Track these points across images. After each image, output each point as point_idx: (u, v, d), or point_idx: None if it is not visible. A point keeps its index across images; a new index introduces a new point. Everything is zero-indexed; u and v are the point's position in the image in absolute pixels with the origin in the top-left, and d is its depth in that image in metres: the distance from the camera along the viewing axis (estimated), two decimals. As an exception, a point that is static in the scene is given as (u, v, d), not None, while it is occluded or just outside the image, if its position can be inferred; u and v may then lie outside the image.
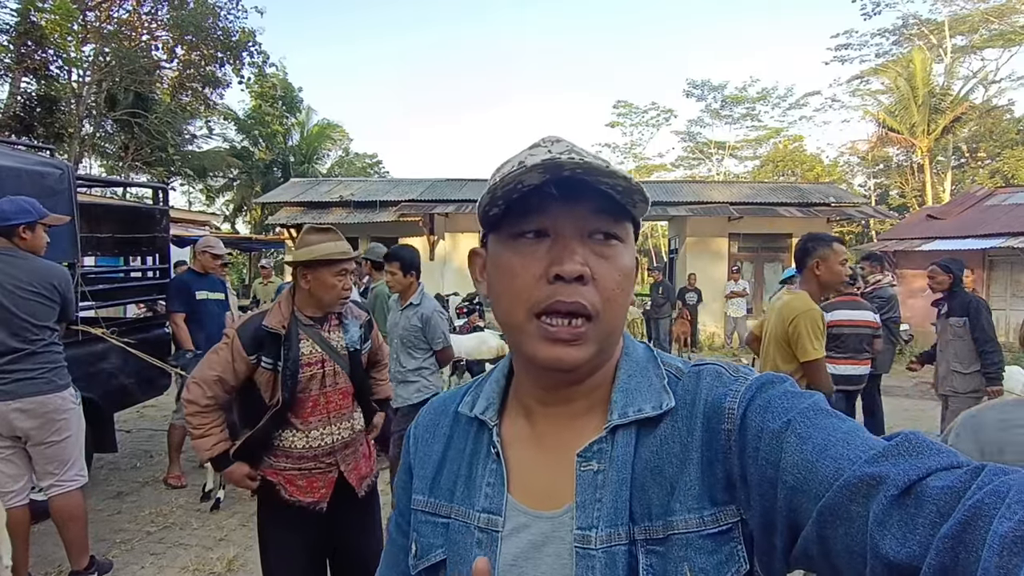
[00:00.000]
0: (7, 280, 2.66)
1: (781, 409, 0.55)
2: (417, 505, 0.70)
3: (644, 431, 0.61)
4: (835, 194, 13.95)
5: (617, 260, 0.61)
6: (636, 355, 0.68)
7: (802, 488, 0.49)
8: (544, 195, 0.58)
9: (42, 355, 2.75)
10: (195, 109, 19.08)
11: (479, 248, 0.71)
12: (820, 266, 2.85)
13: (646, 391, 0.63)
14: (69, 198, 3.64)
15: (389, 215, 12.56)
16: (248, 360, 2.03)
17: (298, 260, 2.07)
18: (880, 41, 25.29)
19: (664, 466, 0.59)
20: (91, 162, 18.73)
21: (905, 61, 22.40)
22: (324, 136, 27.21)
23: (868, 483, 0.44)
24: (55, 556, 3.18)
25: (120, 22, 15.81)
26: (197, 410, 2.04)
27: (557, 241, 0.59)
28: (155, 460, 4.90)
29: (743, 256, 12.83)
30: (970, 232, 12.76)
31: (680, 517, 0.56)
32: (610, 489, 0.59)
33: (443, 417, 0.74)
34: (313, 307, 2.13)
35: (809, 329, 2.78)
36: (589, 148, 0.63)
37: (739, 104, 30.36)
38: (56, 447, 2.81)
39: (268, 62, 17.92)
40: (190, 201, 26.14)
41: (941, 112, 21.23)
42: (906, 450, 0.46)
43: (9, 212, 2.71)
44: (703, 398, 0.61)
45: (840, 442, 0.49)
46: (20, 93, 14.52)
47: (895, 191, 27.94)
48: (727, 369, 0.63)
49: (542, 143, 0.63)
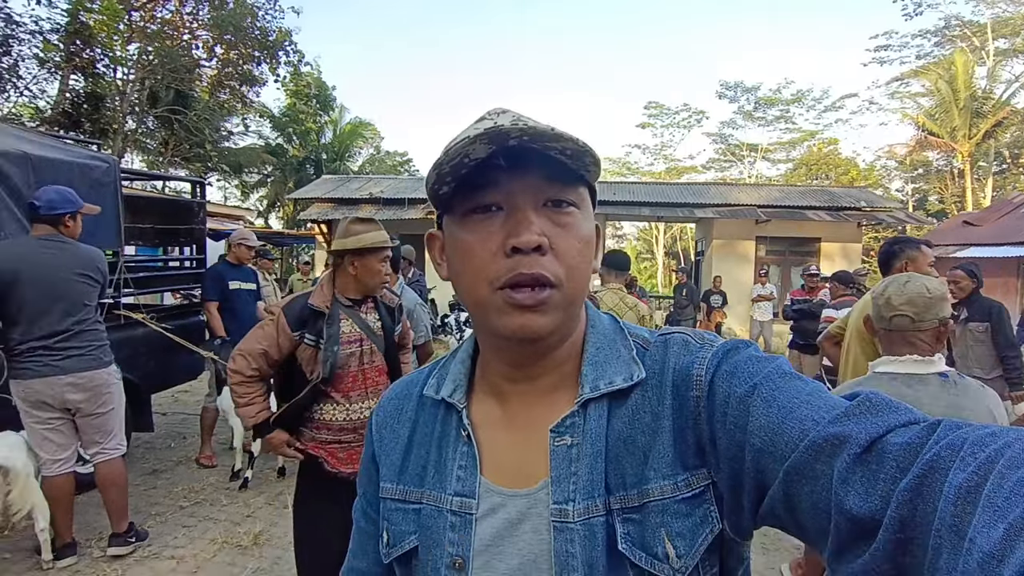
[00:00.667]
0: (59, 265, 2.88)
1: (747, 374, 0.56)
2: (386, 493, 0.69)
3: (615, 403, 0.62)
4: (867, 198, 13.68)
5: (575, 227, 0.60)
6: (602, 327, 0.68)
7: (769, 450, 0.50)
8: (493, 167, 0.57)
9: (89, 333, 2.98)
10: (232, 106, 19.58)
11: (435, 231, 0.69)
12: (909, 267, 2.74)
13: (615, 363, 0.63)
14: (115, 190, 3.87)
15: (417, 212, 12.76)
16: (292, 336, 2.19)
17: (347, 248, 2.23)
18: (921, 42, 24.75)
19: (637, 436, 0.59)
20: (133, 157, 19.39)
21: (946, 63, 21.86)
22: (356, 134, 27.65)
23: (832, 443, 0.46)
24: (97, 524, 3.40)
25: (163, 22, 16.35)
26: (242, 379, 2.21)
27: (511, 214, 0.59)
28: (188, 441, 5.13)
29: (770, 259, 12.69)
30: (1006, 239, 12.38)
31: (655, 484, 0.57)
32: (585, 462, 0.59)
33: (407, 401, 0.73)
34: (354, 290, 2.31)
35: None
36: (532, 117, 0.61)
37: (773, 106, 29.94)
38: (102, 418, 3.04)
39: (303, 61, 18.29)
40: (225, 196, 26.85)
41: (983, 116, 20.66)
42: (867, 409, 0.47)
43: (56, 201, 2.92)
44: (671, 366, 0.61)
45: (804, 404, 0.50)
46: (69, 90, 15.16)
47: (934, 196, 27.22)
48: (693, 337, 0.64)
49: (487, 116, 0.61)
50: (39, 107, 15.19)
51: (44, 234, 2.91)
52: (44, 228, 2.91)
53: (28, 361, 2.84)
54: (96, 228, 3.59)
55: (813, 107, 29.74)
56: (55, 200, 2.92)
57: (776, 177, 31.20)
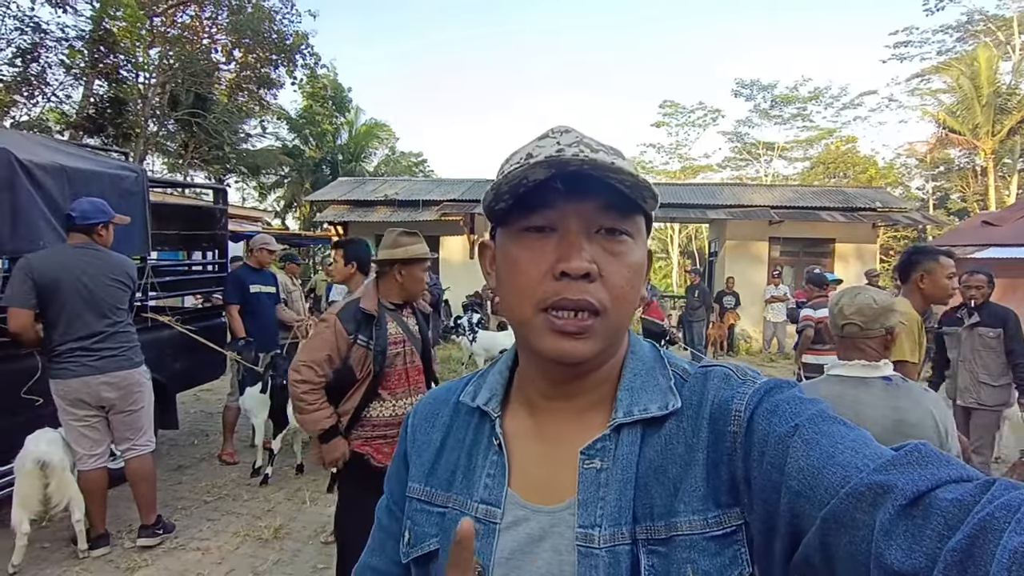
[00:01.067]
0: (95, 271, 3.07)
1: (789, 414, 0.54)
2: (413, 493, 0.70)
3: (649, 431, 0.61)
4: (882, 199, 13.55)
5: (626, 256, 0.61)
6: (642, 354, 0.68)
7: (806, 494, 0.48)
8: (550, 190, 0.58)
9: (122, 335, 3.18)
10: (250, 109, 19.87)
11: (488, 240, 0.71)
12: (925, 279, 2.74)
13: (652, 391, 0.63)
14: (143, 199, 4.06)
15: (431, 214, 12.90)
16: (348, 339, 2.40)
17: (396, 257, 2.47)
18: (943, 38, 24.29)
19: (668, 466, 0.59)
20: (154, 159, 19.84)
21: (969, 59, 21.40)
22: (371, 135, 27.91)
23: (875, 491, 0.44)
24: (127, 517, 3.58)
25: (183, 27, 16.66)
26: (311, 388, 2.38)
27: (564, 237, 0.59)
28: (210, 439, 5.32)
29: (784, 260, 12.64)
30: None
31: (684, 518, 0.56)
32: (613, 488, 0.59)
33: (443, 406, 0.74)
34: (398, 295, 2.54)
35: (907, 330, 2.61)
36: (604, 141, 0.62)
37: (790, 104, 29.59)
38: (133, 415, 3.23)
39: (319, 63, 18.54)
40: (243, 197, 27.28)
41: (1007, 112, 20.19)
42: (915, 460, 0.45)
43: (90, 212, 3.14)
44: (710, 400, 0.61)
45: (848, 449, 0.49)
46: (93, 95, 15.55)
47: (956, 195, 26.76)
48: (735, 372, 0.63)
49: (551, 134, 0.62)
50: (64, 112, 15.62)
51: (79, 243, 3.11)
52: (79, 237, 3.12)
53: (67, 361, 3.03)
54: (126, 235, 3.77)
55: (831, 105, 29.35)
56: (89, 211, 3.11)
57: (793, 176, 30.90)
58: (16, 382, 3.18)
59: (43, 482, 3.02)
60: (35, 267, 2.96)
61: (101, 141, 15.66)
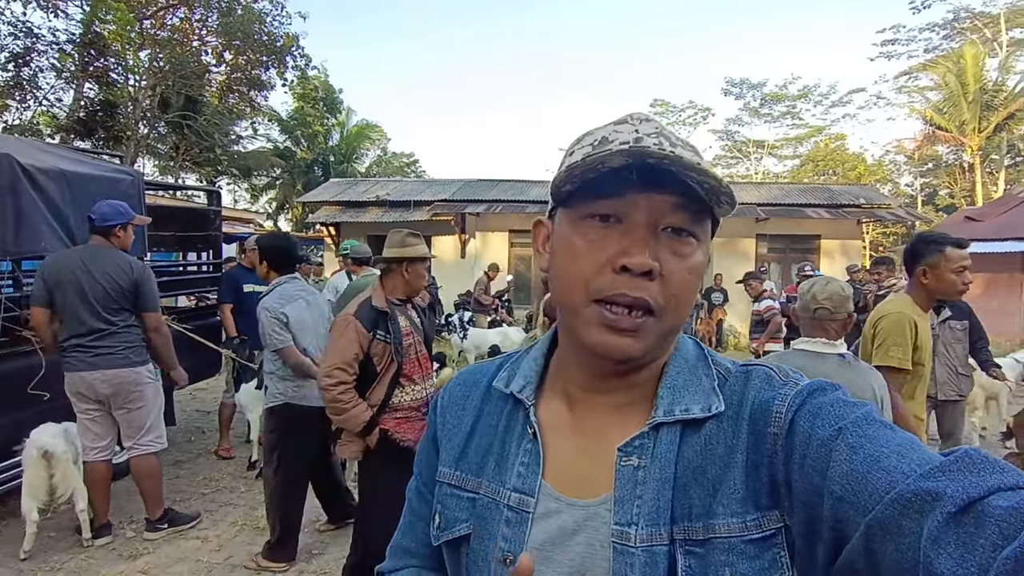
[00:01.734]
0: (96, 271, 3.19)
1: (832, 416, 0.53)
2: (443, 477, 0.69)
3: (689, 430, 0.60)
4: (866, 195, 13.82)
5: (689, 259, 0.59)
6: (686, 352, 0.66)
7: (850, 499, 0.47)
8: (623, 179, 0.55)
9: (120, 335, 3.28)
10: (241, 111, 19.94)
11: (544, 219, 0.68)
12: (928, 274, 2.50)
13: (695, 390, 0.62)
14: (139, 201, 4.17)
15: (423, 214, 13.04)
16: (368, 336, 2.58)
17: (405, 256, 2.67)
18: (929, 36, 24.58)
19: (707, 467, 0.58)
20: (145, 162, 19.83)
21: (955, 56, 21.68)
22: (363, 136, 28.00)
23: (923, 498, 0.42)
24: (128, 508, 3.72)
25: (173, 29, 16.72)
26: (347, 387, 2.55)
27: (630, 231, 0.57)
28: (207, 435, 5.44)
29: (771, 257, 12.87)
30: (1009, 235, 12.46)
31: (722, 520, 0.55)
32: (651, 487, 0.58)
33: (474, 389, 0.73)
34: (403, 291, 2.75)
35: (893, 332, 2.49)
36: (682, 137, 0.60)
37: (779, 102, 29.85)
38: (133, 414, 3.34)
39: (310, 65, 18.62)
40: (235, 199, 27.31)
41: (993, 109, 20.49)
42: (966, 466, 0.43)
43: (109, 214, 3.28)
44: (751, 400, 0.59)
45: (893, 454, 0.47)
46: (83, 98, 15.59)
47: (944, 191, 27.08)
48: (777, 372, 0.62)
49: (629, 120, 0.60)
50: (55, 115, 15.65)
51: (96, 244, 3.27)
52: (97, 239, 3.28)
53: (70, 356, 3.18)
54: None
55: (820, 103, 29.62)
56: (107, 213, 3.27)
57: (783, 173, 31.17)
58: (24, 378, 3.30)
59: (48, 472, 3.15)
60: (47, 267, 3.16)
61: (92, 144, 15.70)
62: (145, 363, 3.39)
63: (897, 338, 2.47)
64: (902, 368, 2.47)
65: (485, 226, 13.53)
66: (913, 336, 2.48)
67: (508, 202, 13.30)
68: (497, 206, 12.95)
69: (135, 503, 3.56)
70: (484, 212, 12.97)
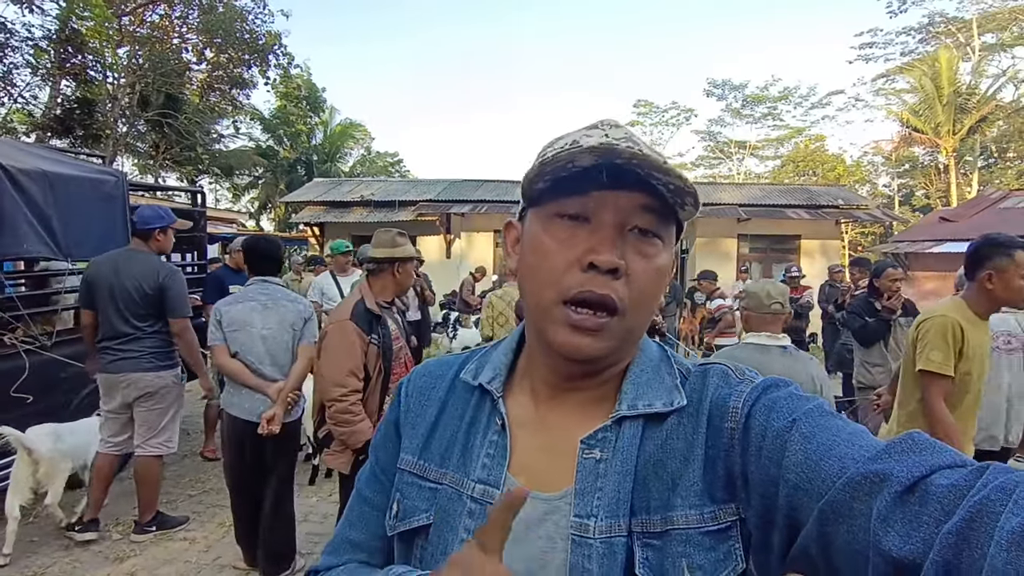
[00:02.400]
0: (125, 275, 3.22)
1: (786, 409, 0.55)
2: (405, 465, 0.69)
3: (650, 425, 0.61)
4: (844, 196, 14.08)
5: (655, 259, 0.60)
6: (650, 352, 0.68)
7: (804, 486, 0.49)
8: (592, 179, 0.57)
9: (146, 339, 3.31)
10: (223, 109, 19.71)
11: (514, 221, 0.69)
12: (994, 279, 2.32)
13: (658, 387, 0.63)
14: (123, 202, 4.15)
15: (408, 214, 13.01)
16: (367, 340, 2.49)
17: (396, 256, 2.64)
18: (906, 39, 25.12)
19: (667, 461, 0.59)
20: (124, 161, 19.52)
21: (930, 60, 22.10)
22: (347, 135, 27.82)
23: (872, 480, 0.44)
24: (116, 510, 3.70)
25: (153, 26, 16.49)
26: (357, 397, 2.45)
27: (597, 230, 0.58)
28: (192, 437, 5.40)
29: (752, 257, 13.05)
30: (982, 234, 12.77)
31: (680, 512, 0.57)
32: (612, 479, 0.59)
33: (439, 381, 0.73)
34: (391, 292, 2.70)
35: (934, 336, 2.35)
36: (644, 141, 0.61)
37: (760, 103, 30.26)
38: (149, 414, 3.37)
39: (293, 63, 18.46)
40: (217, 199, 26.99)
41: (967, 112, 20.92)
42: (909, 448, 0.46)
43: (149, 218, 3.32)
44: (709, 397, 0.61)
45: (844, 442, 0.49)
46: (60, 96, 15.30)
47: (920, 191, 27.63)
48: (733, 370, 0.64)
49: (600, 125, 0.62)
50: (31, 113, 15.34)
51: (133, 247, 3.32)
52: (137, 242, 3.33)
53: (101, 356, 3.28)
54: (107, 237, 3.88)
55: (800, 104, 30.10)
56: (148, 216, 3.32)
57: (765, 174, 31.58)
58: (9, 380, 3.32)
59: (32, 468, 3.18)
60: (87, 270, 3.28)
61: (69, 142, 15.42)
62: (171, 368, 3.42)
63: (938, 342, 2.34)
64: (943, 374, 2.32)
65: (470, 226, 13.54)
66: (959, 342, 2.34)
67: (493, 202, 13.32)
68: (482, 206, 12.98)
69: (123, 505, 3.55)
70: (469, 212, 12.98)
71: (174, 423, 3.49)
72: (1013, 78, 22.86)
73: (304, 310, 3.04)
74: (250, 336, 2.93)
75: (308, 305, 3.13)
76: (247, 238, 3.44)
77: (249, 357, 2.92)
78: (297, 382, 2.93)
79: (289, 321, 2.99)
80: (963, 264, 2.49)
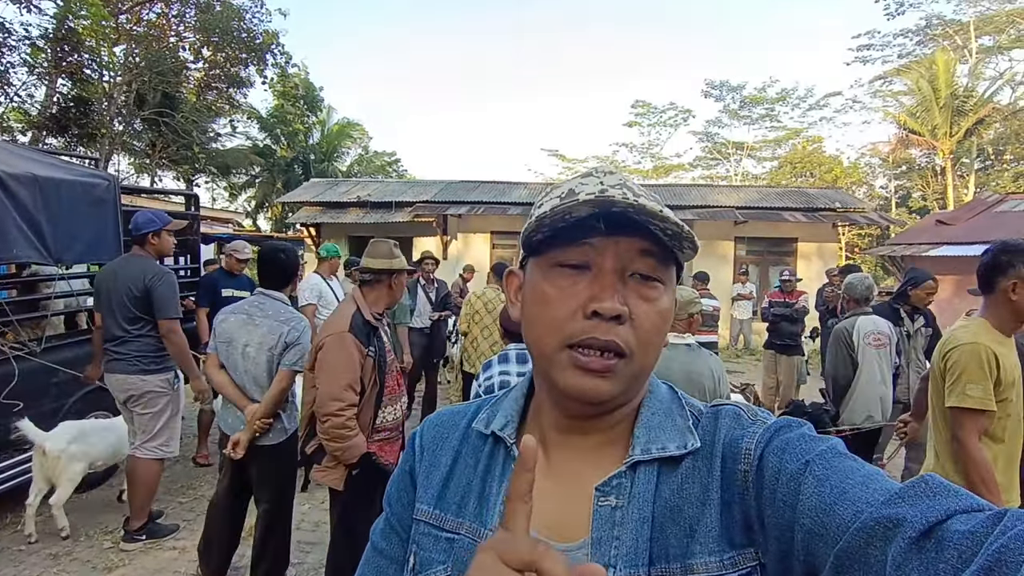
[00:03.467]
0: (120, 279, 3.27)
1: (799, 451, 0.54)
2: (421, 515, 0.68)
3: (665, 469, 0.61)
4: (841, 199, 14.09)
5: (657, 303, 0.60)
6: (660, 394, 0.67)
7: (819, 531, 0.48)
8: (590, 228, 0.58)
9: (133, 342, 3.34)
10: (220, 108, 19.62)
11: (516, 270, 0.70)
12: (1018, 289, 2.07)
13: (670, 430, 0.63)
14: (115, 206, 4.11)
15: (404, 216, 12.98)
16: (365, 352, 2.45)
17: (394, 267, 2.62)
18: (903, 42, 25.16)
19: (684, 506, 0.58)
20: (120, 159, 19.44)
21: (928, 62, 22.16)
22: (344, 135, 27.72)
23: (885, 525, 0.44)
24: (103, 519, 3.68)
25: (150, 24, 16.42)
26: (354, 412, 2.40)
27: (598, 277, 0.59)
28: (184, 442, 5.31)
29: (749, 259, 13.05)
30: (978, 238, 12.75)
31: (700, 559, 0.56)
32: (629, 527, 0.58)
33: (452, 431, 0.73)
34: (384, 304, 2.66)
35: (968, 367, 2.07)
36: (637, 184, 0.62)
37: (758, 105, 30.26)
38: (143, 418, 3.39)
39: (290, 62, 18.42)
40: (213, 198, 26.88)
41: (964, 114, 20.94)
42: (924, 492, 0.45)
43: (141, 223, 3.35)
44: (721, 439, 0.61)
45: (858, 485, 0.49)
46: (56, 95, 15.23)
47: (917, 193, 27.69)
48: (745, 411, 0.63)
49: (594, 173, 0.62)
50: (27, 111, 15.27)
51: (132, 252, 3.38)
52: (135, 248, 3.38)
53: (105, 356, 3.35)
54: (98, 242, 3.85)
55: (797, 106, 30.10)
56: (140, 222, 3.36)
57: (762, 175, 31.60)
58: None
59: (42, 463, 3.33)
60: (96, 276, 3.37)
61: (65, 141, 15.37)
62: (159, 372, 3.41)
63: (975, 374, 2.06)
64: (985, 409, 2.06)
65: (467, 227, 13.51)
66: (994, 371, 2.07)
67: (490, 203, 13.29)
68: (479, 207, 12.95)
69: (110, 513, 3.52)
70: (466, 214, 12.95)
71: (170, 428, 3.47)
72: (1010, 81, 22.96)
73: (289, 333, 2.80)
74: (234, 350, 2.83)
75: (299, 329, 2.86)
76: (265, 246, 3.24)
77: (233, 372, 2.84)
78: (267, 409, 2.74)
79: (268, 343, 2.80)
80: (977, 276, 2.22)
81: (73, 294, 4.36)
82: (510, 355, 2.66)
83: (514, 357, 2.65)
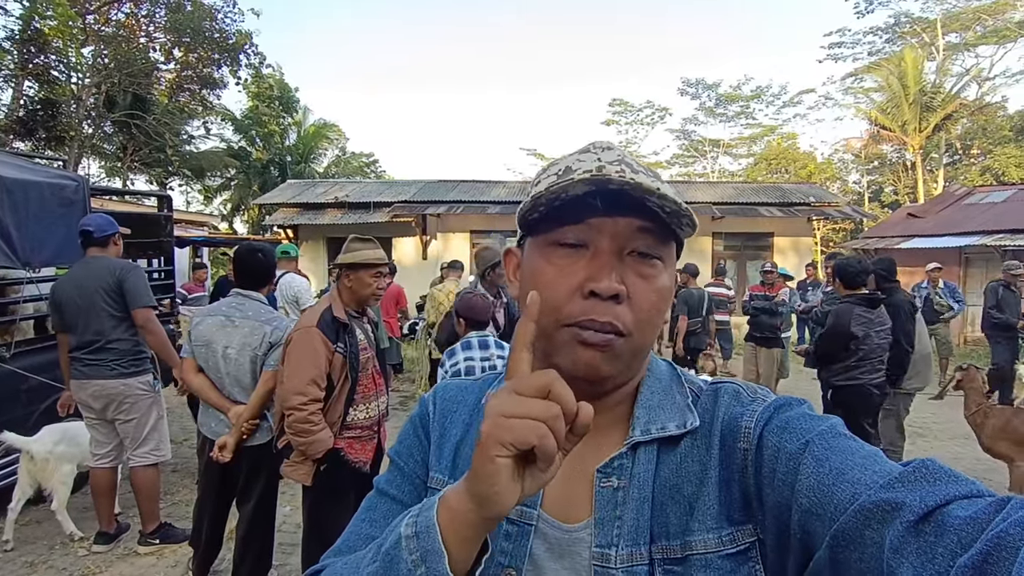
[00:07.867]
0: (88, 283, 3.17)
1: (799, 430, 0.54)
2: (435, 484, 0.67)
3: (665, 449, 0.61)
4: (815, 194, 14.36)
5: (655, 281, 0.60)
6: (659, 372, 0.67)
7: (817, 511, 0.48)
8: (587, 206, 0.57)
9: (111, 346, 3.25)
10: (193, 110, 19.33)
11: (514, 248, 0.69)
12: None
13: (670, 409, 0.63)
14: (84, 207, 4.03)
15: (383, 216, 12.90)
16: (332, 348, 2.43)
17: (343, 263, 2.56)
18: (873, 39, 25.68)
19: (683, 485, 0.59)
20: (90, 163, 19.03)
21: (897, 59, 22.59)
22: (321, 136, 27.42)
23: (884, 508, 0.43)
24: (80, 525, 3.56)
25: (118, 25, 16.09)
26: (319, 406, 2.37)
27: (596, 256, 0.58)
28: (162, 447, 5.28)
29: (727, 254, 13.22)
30: (947, 230, 13.13)
31: (699, 537, 0.56)
32: (631, 507, 0.58)
33: (460, 405, 0.72)
34: (355, 303, 2.61)
35: None
36: (643, 164, 0.61)
37: (733, 102, 30.64)
38: (127, 425, 3.32)
39: (264, 63, 18.17)
40: (188, 201, 26.43)
41: (932, 110, 21.40)
42: (924, 476, 0.44)
43: (104, 224, 3.29)
44: (721, 417, 0.61)
45: (858, 466, 0.48)
46: (23, 97, 14.85)
47: (889, 188, 28.27)
48: (745, 389, 0.64)
49: (591, 149, 0.61)
50: (-8, 115, 14.88)
51: (90, 255, 3.26)
52: (94, 250, 3.27)
53: (73, 365, 3.24)
54: (67, 245, 3.77)
55: (772, 103, 30.57)
56: (103, 225, 3.30)
57: (739, 172, 32.01)
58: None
59: (29, 466, 3.28)
60: (52, 290, 3.25)
61: (32, 144, 14.99)
62: (139, 374, 3.33)
63: None
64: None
65: (446, 227, 13.47)
66: None
67: (469, 203, 13.28)
68: (458, 207, 12.92)
69: (86, 520, 3.44)
70: (445, 213, 12.92)
71: (157, 431, 3.42)
72: (976, 77, 23.58)
73: (272, 333, 2.74)
74: (213, 354, 2.75)
75: (282, 329, 2.77)
76: (242, 246, 3.14)
77: (213, 376, 2.78)
78: (254, 410, 2.69)
79: (252, 344, 2.73)
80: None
81: (42, 298, 4.24)
82: (472, 343, 2.84)
83: (476, 344, 2.83)
